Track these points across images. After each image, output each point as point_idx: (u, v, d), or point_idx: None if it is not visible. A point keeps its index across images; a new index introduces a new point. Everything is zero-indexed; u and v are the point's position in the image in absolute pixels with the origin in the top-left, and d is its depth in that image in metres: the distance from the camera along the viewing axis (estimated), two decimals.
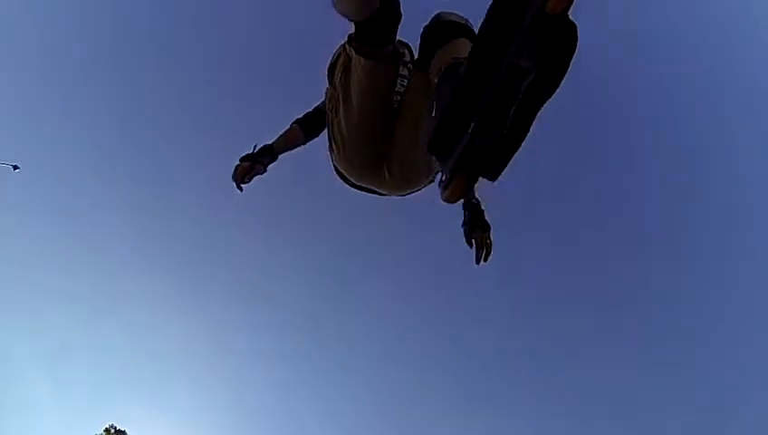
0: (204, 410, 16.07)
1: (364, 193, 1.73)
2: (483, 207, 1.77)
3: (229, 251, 15.25)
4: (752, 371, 11.36)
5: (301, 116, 1.85)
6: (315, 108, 1.84)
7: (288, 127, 1.84)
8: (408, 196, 1.70)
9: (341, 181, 1.71)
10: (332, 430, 16.05)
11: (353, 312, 14.78)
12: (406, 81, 1.50)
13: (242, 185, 1.70)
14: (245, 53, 13.30)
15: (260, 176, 1.73)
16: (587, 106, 12.72)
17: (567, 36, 0.80)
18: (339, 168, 1.63)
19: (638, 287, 12.66)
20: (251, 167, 1.70)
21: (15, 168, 11.97)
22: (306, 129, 1.82)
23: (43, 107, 13.63)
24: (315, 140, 1.84)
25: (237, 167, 1.70)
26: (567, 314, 12.99)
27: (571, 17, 0.78)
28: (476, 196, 1.79)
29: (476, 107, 0.85)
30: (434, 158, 0.99)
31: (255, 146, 1.75)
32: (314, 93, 1.84)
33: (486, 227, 1.71)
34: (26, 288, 14.61)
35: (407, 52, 1.58)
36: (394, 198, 1.72)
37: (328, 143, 1.61)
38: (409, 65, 1.57)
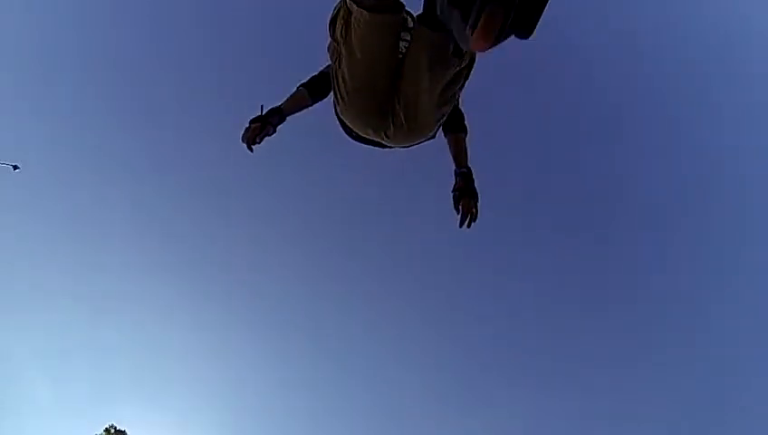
0: (204, 411, 16.07)
1: (368, 146, 1.74)
2: (473, 176, 1.79)
3: (229, 251, 15.25)
4: (751, 371, 11.35)
5: (306, 80, 1.86)
6: (320, 71, 1.85)
7: (294, 90, 1.84)
8: (411, 147, 1.72)
9: (347, 135, 1.72)
10: (332, 431, 16.05)
11: (353, 311, 14.78)
12: (408, 43, 1.51)
13: (253, 146, 1.71)
14: (245, 52, 13.30)
15: (269, 137, 1.74)
16: (587, 104, 12.72)
17: None
18: (344, 119, 1.64)
19: (638, 287, 12.65)
20: (262, 127, 1.71)
21: (15, 168, 11.96)
22: (312, 91, 1.83)
23: (43, 107, 13.63)
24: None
25: (248, 128, 1.71)
26: (567, 314, 12.98)
27: None
28: (468, 165, 1.83)
29: None
30: (457, 13, 0.96)
31: (263, 107, 1.75)
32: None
33: (474, 195, 1.74)
34: (26, 288, 14.61)
35: (408, 18, 1.59)
36: (398, 150, 1.74)
37: (333, 96, 1.62)
38: (411, 30, 1.58)
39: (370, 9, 1.32)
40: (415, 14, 1.74)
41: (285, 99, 1.82)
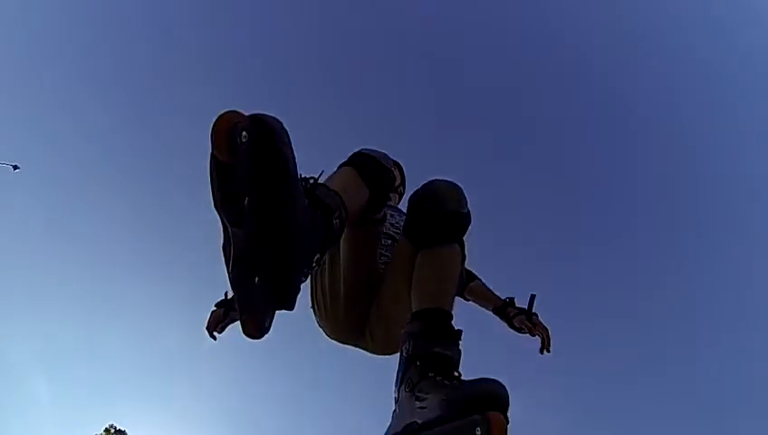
0: (204, 411, 16.08)
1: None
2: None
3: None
4: (751, 373, 11.34)
5: None
6: None
7: None
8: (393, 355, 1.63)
9: (323, 335, 1.66)
10: (332, 430, 16.05)
11: None
12: (394, 228, 1.47)
13: (215, 334, 1.65)
14: (246, 51, 13.31)
15: (234, 324, 1.66)
16: (586, 104, 12.72)
17: None
18: (322, 328, 1.60)
19: (639, 288, 12.64)
20: (224, 315, 1.65)
21: (15, 168, 11.98)
22: None
23: (43, 107, 13.64)
24: None
25: (211, 314, 1.66)
26: (566, 316, 12.97)
27: None
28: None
29: None
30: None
31: (227, 293, 1.68)
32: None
33: (533, 314, 1.66)
34: (26, 289, 14.61)
35: (397, 173, 1.59)
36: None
37: (310, 302, 1.57)
38: (400, 189, 1.70)
39: (359, 225, 1.26)
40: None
41: None
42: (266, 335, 0.86)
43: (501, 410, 0.86)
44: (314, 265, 0.90)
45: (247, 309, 0.84)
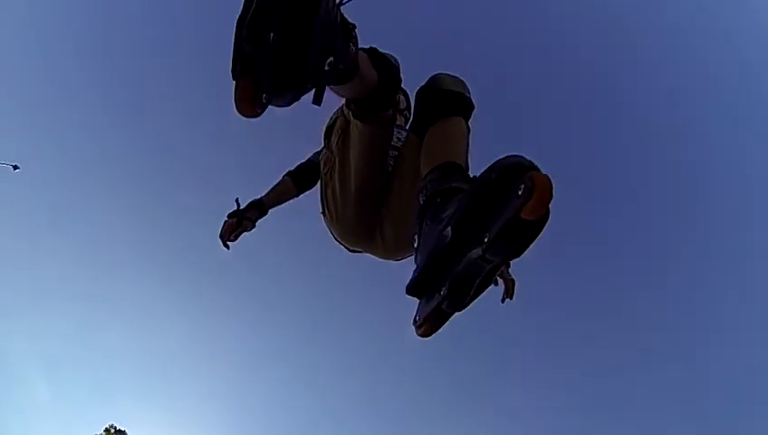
0: (204, 410, 16.09)
1: (359, 254, 1.66)
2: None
3: (229, 251, 15.24)
4: (751, 373, 11.33)
5: (293, 168, 1.80)
6: (309, 160, 1.80)
7: (280, 179, 1.79)
8: (403, 260, 1.59)
9: (334, 242, 1.65)
10: (332, 431, 16.05)
11: (352, 312, 14.79)
12: (401, 142, 1.47)
13: (228, 243, 1.66)
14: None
15: (248, 232, 1.69)
16: (586, 105, 12.71)
17: (536, 230, 0.76)
18: (332, 231, 1.59)
19: (639, 289, 12.64)
20: (238, 223, 1.65)
21: (15, 168, 11.97)
22: (299, 182, 1.78)
23: (43, 107, 13.64)
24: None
25: (224, 223, 1.67)
26: (565, 316, 12.99)
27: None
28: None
29: (447, 276, 0.85)
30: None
31: (238, 201, 1.70)
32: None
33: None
34: (26, 289, 14.61)
35: (402, 98, 1.59)
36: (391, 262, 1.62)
37: (320, 206, 1.56)
38: (406, 113, 1.64)
39: (368, 121, 1.28)
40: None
41: (269, 189, 1.76)
42: (259, 115, 0.82)
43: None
44: (326, 68, 0.87)
45: (249, 70, 0.81)
